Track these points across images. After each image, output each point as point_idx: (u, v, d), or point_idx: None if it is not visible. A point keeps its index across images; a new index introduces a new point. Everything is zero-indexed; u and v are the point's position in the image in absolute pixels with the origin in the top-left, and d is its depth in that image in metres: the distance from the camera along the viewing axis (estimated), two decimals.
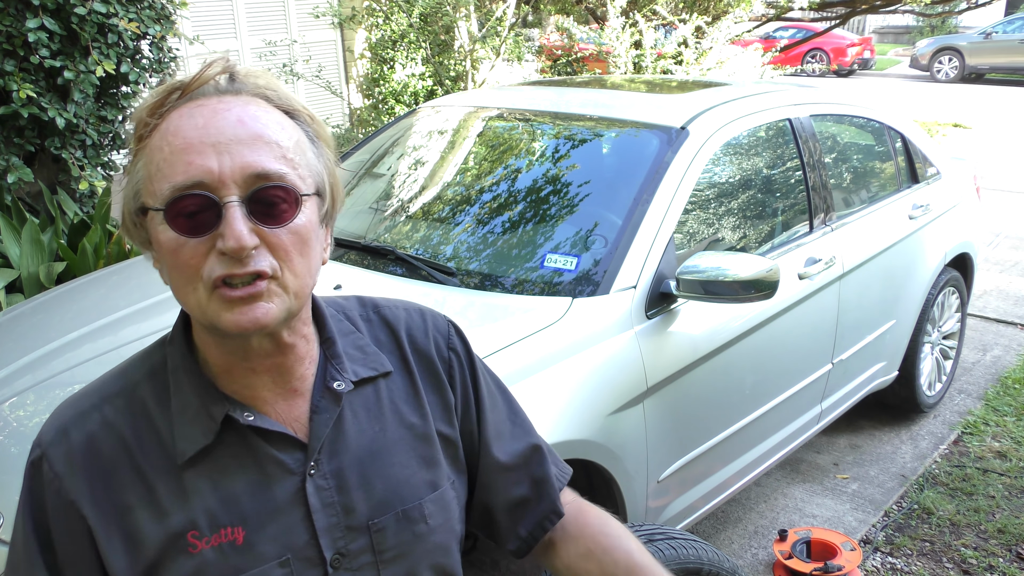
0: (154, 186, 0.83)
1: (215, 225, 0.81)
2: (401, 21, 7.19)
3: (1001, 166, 9.08)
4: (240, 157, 0.82)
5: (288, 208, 0.84)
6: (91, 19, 4.02)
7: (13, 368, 2.17)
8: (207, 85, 0.85)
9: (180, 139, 0.82)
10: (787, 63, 13.11)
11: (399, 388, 1.01)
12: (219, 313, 0.83)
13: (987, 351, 4.55)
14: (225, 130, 0.82)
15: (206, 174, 0.81)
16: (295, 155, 0.86)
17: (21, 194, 4.58)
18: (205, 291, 0.83)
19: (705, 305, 2.38)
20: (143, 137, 0.85)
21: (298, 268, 0.86)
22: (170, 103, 0.85)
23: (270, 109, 0.87)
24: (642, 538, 1.78)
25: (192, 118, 0.83)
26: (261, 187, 0.82)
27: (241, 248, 0.80)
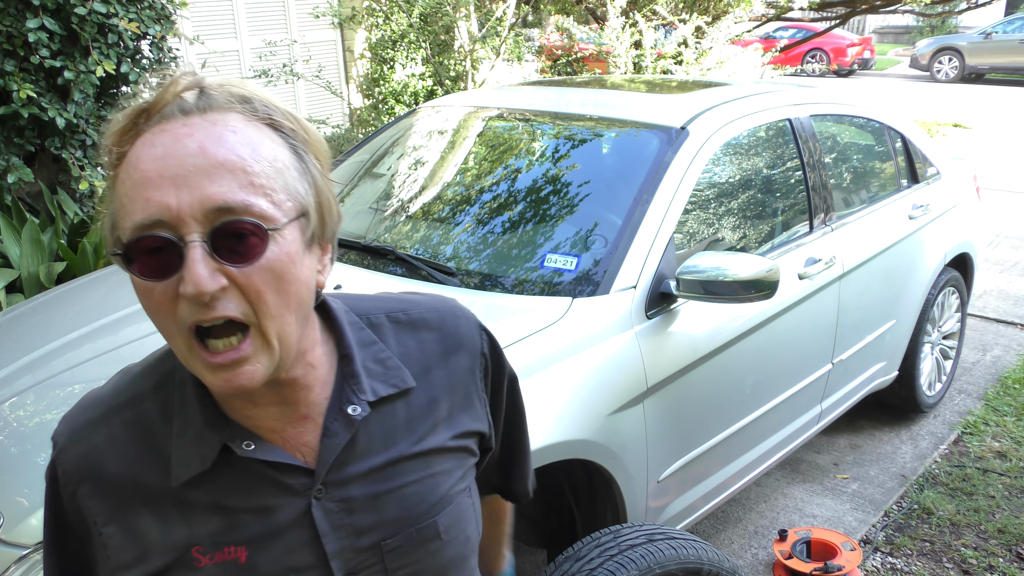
0: (120, 220, 0.78)
1: (179, 266, 0.76)
2: (401, 21, 7.19)
3: (1001, 166, 9.08)
4: (199, 190, 0.75)
5: (258, 243, 0.77)
6: (91, 19, 4.02)
7: (13, 368, 2.17)
8: (170, 106, 0.78)
9: (139, 173, 0.76)
10: (787, 63, 13.11)
11: (418, 402, 0.96)
12: (203, 373, 0.80)
13: (987, 351, 4.55)
14: (184, 160, 0.75)
15: (163, 211, 0.74)
16: (268, 179, 0.78)
17: (21, 194, 4.58)
18: (183, 340, 0.78)
19: (705, 305, 2.38)
20: (114, 165, 0.79)
21: (274, 309, 0.79)
22: (139, 128, 0.78)
23: (242, 126, 0.78)
24: (642, 538, 1.78)
25: (152, 147, 0.76)
26: (225, 222, 0.75)
27: (200, 293, 0.74)
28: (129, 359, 0.97)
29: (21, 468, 1.81)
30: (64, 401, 2.01)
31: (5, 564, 1.62)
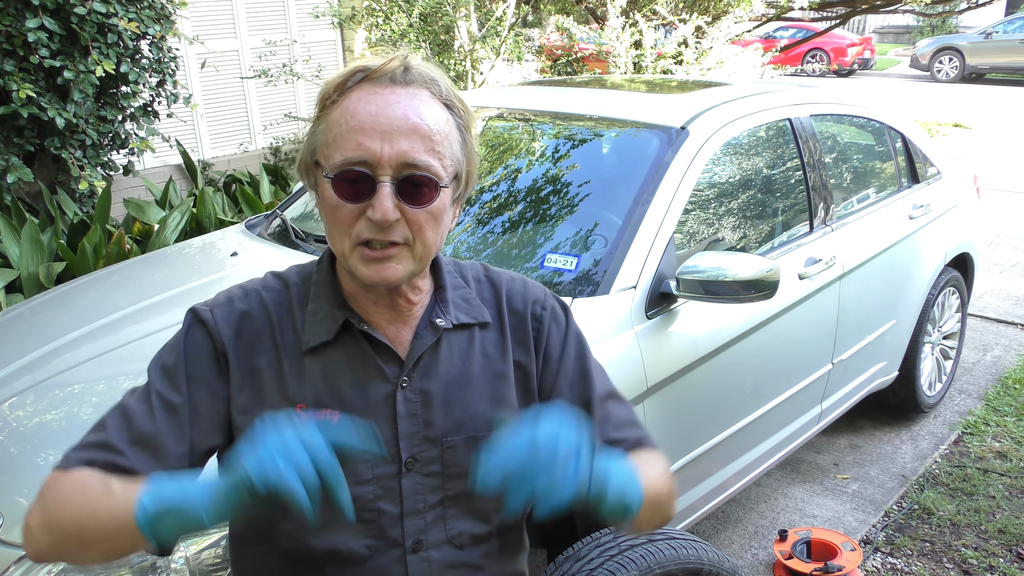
0: (328, 151, 1.02)
1: (369, 196, 1.01)
2: (401, 21, 7.18)
3: (1001, 166, 9.08)
4: (398, 145, 1.00)
5: (428, 193, 1.02)
6: (91, 19, 4.02)
7: (13, 368, 2.17)
8: (385, 75, 1.02)
9: (356, 121, 1.01)
10: (787, 63, 13.11)
11: (491, 338, 1.18)
12: (357, 265, 1.04)
13: (987, 351, 4.55)
14: (392, 120, 1.00)
15: (370, 154, 0.99)
16: (443, 147, 1.03)
17: (21, 194, 4.58)
18: (350, 245, 1.03)
19: (705, 305, 2.38)
20: (326, 107, 1.04)
21: (428, 239, 1.05)
22: (352, 82, 1.03)
23: (431, 102, 1.03)
24: (642, 538, 1.77)
25: (368, 104, 1.01)
26: (410, 174, 1.01)
27: (385, 220, 1.00)
28: (129, 359, 0.98)
29: (21, 468, 1.81)
30: (64, 401, 2.01)
31: (5, 564, 1.61)
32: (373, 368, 1.10)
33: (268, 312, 1.12)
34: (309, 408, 1.07)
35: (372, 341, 1.10)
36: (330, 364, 1.09)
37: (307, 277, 1.15)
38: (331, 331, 1.09)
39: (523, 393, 1.19)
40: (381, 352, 1.11)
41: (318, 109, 1.06)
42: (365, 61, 1.05)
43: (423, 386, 1.11)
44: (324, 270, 1.14)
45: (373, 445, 0.93)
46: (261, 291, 1.14)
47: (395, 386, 1.10)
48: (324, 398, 1.08)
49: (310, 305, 1.12)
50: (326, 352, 1.09)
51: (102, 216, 4.32)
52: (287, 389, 1.08)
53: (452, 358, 1.14)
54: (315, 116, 1.07)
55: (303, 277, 1.16)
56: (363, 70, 1.03)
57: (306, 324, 1.11)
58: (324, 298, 1.11)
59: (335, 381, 1.09)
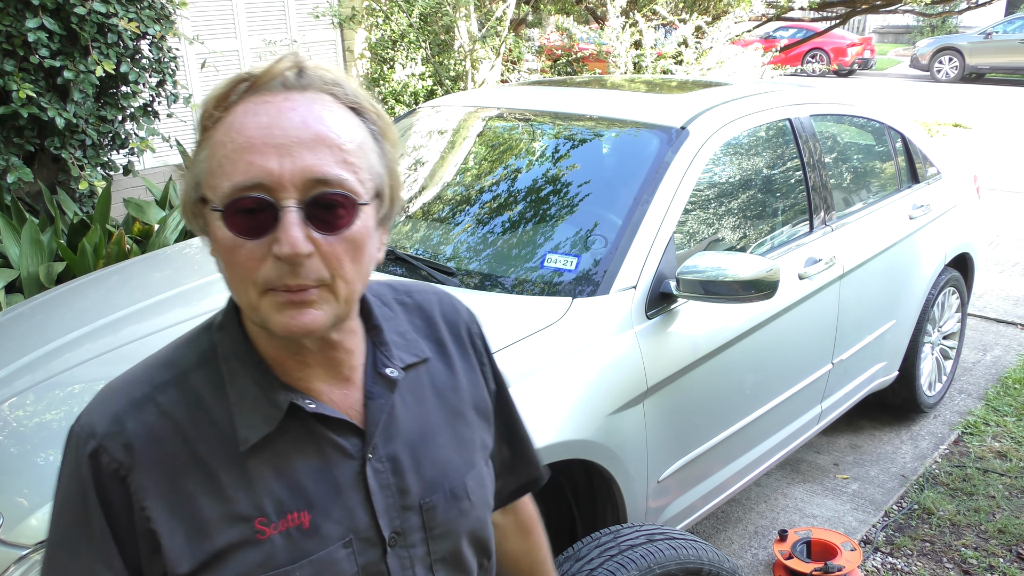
0: (215, 181, 0.83)
1: (271, 228, 0.82)
2: (401, 21, 7.18)
3: (1001, 166, 9.08)
4: (301, 160, 0.81)
5: (345, 215, 0.84)
6: (91, 19, 4.02)
7: (13, 368, 2.17)
8: (275, 80, 0.85)
9: (243, 137, 0.82)
10: (787, 63, 13.11)
11: (437, 371, 1.05)
12: (270, 315, 0.84)
13: (987, 351, 4.55)
14: (289, 131, 0.82)
15: (266, 175, 0.81)
16: (357, 158, 0.85)
17: (21, 194, 4.58)
18: (257, 292, 0.84)
19: (705, 305, 2.38)
20: (208, 128, 0.86)
21: (349, 275, 0.86)
22: (236, 94, 0.85)
23: (336, 107, 0.86)
24: (642, 538, 1.78)
25: (257, 116, 0.83)
26: (320, 193, 0.82)
27: (295, 255, 0.81)
28: (129, 359, 0.97)
29: (21, 468, 1.81)
30: (64, 401, 2.01)
31: (5, 564, 1.61)
32: (330, 448, 0.92)
33: (175, 421, 0.89)
34: (270, 519, 0.88)
35: (322, 418, 0.92)
36: (279, 458, 0.90)
37: (208, 356, 0.92)
38: (272, 419, 0.89)
39: (483, 426, 1.09)
40: (334, 426, 0.92)
41: (199, 133, 0.87)
42: (250, 69, 0.87)
43: (388, 452, 0.96)
44: (232, 338, 0.92)
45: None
46: (154, 395, 0.90)
47: (360, 461, 0.93)
48: (286, 501, 0.89)
49: (230, 390, 0.90)
50: (269, 445, 0.89)
51: (102, 216, 4.32)
52: (235, 507, 0.87)
53: (407, 409, 0.99)
54: (197, 142, 0.88)
55: (203, 357, 0.93)
56: (247, 78, 0.85)
57: (234, 418, 0.89)
58: (245, 376, 0.90)
59: (293, 477, 0.90)
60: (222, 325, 0.94)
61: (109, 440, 0.87)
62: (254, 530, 0.87)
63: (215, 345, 0.93)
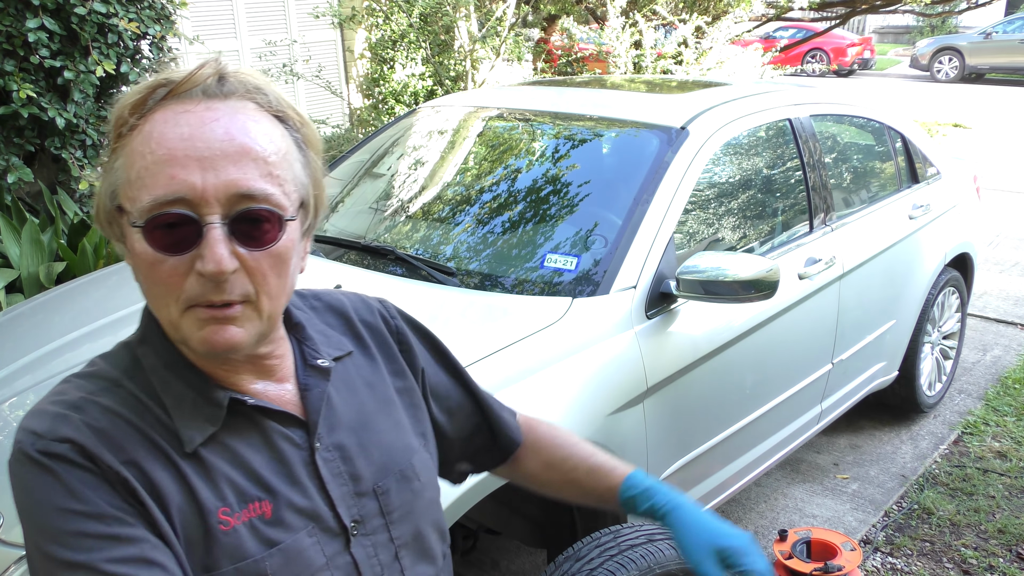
0: (133, 193, 0.80)
1: (195, 243, 0.79)
2: (401, 21, 7.19)
3: (1001, 166, 9.08)
4: (225, 174, 0.79)
5: (271, 230, 0.82)
6: (91, 19, 4.02)
7: (13, 368, 2.17)
8: (195, 87, 0.82)
9: (164, 149, 0.79)
10: (787, 63, 13.11)
11: (361, 365, 1.05)
12: (192, 332, 0.82)
13: (987, 351, 4.55)
14: (212, 143, 0.79)
15: (189, 190, 0.78)
16: (281, 170, 0.83)
17: (21, 194, 4.58)
18: (178, 309, 0.82)
19: (705, 305, 2.38)
20: (123, 135, 0.82)
21: (274, 291, 0.85)
22: (153, 100, 0.82)
23: (259, 116, 0.84)
24: (642, 538, 1.78)
25: (177, 126, 0.80)
26: (245, 208, 0.80)
27: (220, 272, 0.79)
28: None
29: None
30: None
31: (5, 564, 1.61)
32: (279, 438, 0.91)
33: (122, 416, 0.85)
34: (232, 509, 0.86)
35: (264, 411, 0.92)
36: (230, 452, 0.88)
37: (132, 371, 0.89)
38: (216, 418, 0.87)
39: (412, 411, 1.09)
40: (277, 419, 0.92)
41: (113, 139, 0.83)
42: (168, 73, 0.84)
43: (334, 440, 0.96)
44: (159, 350, 0.89)
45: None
46: (90, 398, 0.85)
47: (309, 451, 0.93)
48: (246, 491, 0.87)
49: (165, 399, 0.87)
50: (217, 442, 0.87)
51: None
52: (199, 496, 0.84)
53: (343, 400, 1.00)
54: (110, 148, 0.84)
55: (127, 371, 0.89)
56: (166, 83, 0.82)
57: (176, 420, 0.86)
58: (178, 383, 0.88)
59: (248, 468, 0.88)
60: (143, 339, 0.91)
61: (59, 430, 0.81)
62: (218, 520, 0.85)
63: (138, 360, 0.89)
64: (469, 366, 1.95)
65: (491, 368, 1.96)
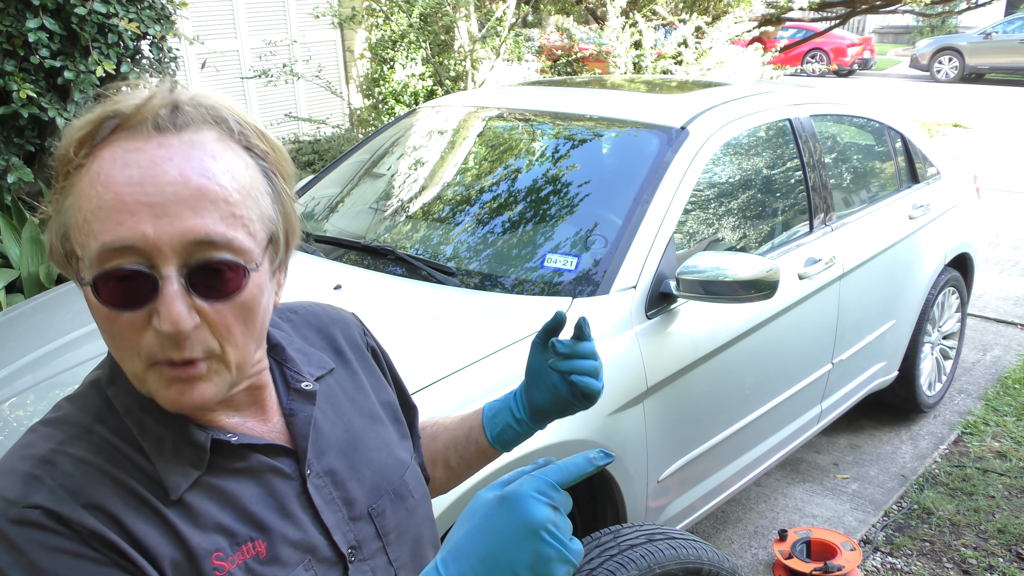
0: (82, 238, 0.74)
1: (150, 298, 0.73)
2: (401, 21, 7.19)
3: (1001, 166, 9.08)
4: (180, 221, 0.72)
5: (234, 278, 0.75)
6: (91, 19, 4.02)
7: (13, 368, 2.17)
8: (145, 122, 0.74)
9: (111, 193, 0.72)
10: (787, 63, 13.11)
11: (344, 380, 1.01)
12: (158, 389, 0.77)
13: (987, 351, 4.55)
14: (164, 188, 0.72)
15: (139, 239, 0.71)
16: (246, 209, 0.76)
17: (21, 194, 4.58)
18: (142, 365, 0.76)
19: (705, 305, 2.38)
20: (69, 173, 0.75)
21: (240, 341, 0.78)
22: (101, 135, 0.75)
23: (218, 150, 0.76)
24: (642, 538, 1.78)
25: (126, 168, 0.72)
26: (204, 259, 0.74)
27: (179, 332, 0.73)
28: None
29: None
30: None
31: None
32: (267, 472, 0.86)
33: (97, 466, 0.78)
34: (226, 554, 0.81)
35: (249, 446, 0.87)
36: (217, 493, 0.82)
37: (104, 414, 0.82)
38: (200, 460, 0.81)
39: (397, 426, 1.05)
40: (264, 452, 0.87)
41: (61, 176, 0.76)
42: (117, 103, 0.75)
43: (324, 465, 0.91)
44: (130, 390, 0.82)
45: (593, 463, 0.78)
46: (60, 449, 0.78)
47: (300, 480, 0.89)
48: (238, 533, 0.82)
49: (143, 442, 0.81)
50: (202, 484, 0.82)
51: None
52: (190, 544, 0.79)
53: (329, 421, 0.95)
54: (58, 187, 0.77)
55: (98, 414, 0.82)
56: (114, 115, 0.74)
57: (158, 466, 0.80)
58: (155, 425, 0.81)
59: (238, 507, 0.83)
60: (112, 379, 0.84)
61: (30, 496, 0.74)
62: (213, 567, 0.79)
63: (110, 400, 0.83)
64: (469, 366, 1.96)
65: (491, 368, 1.96)
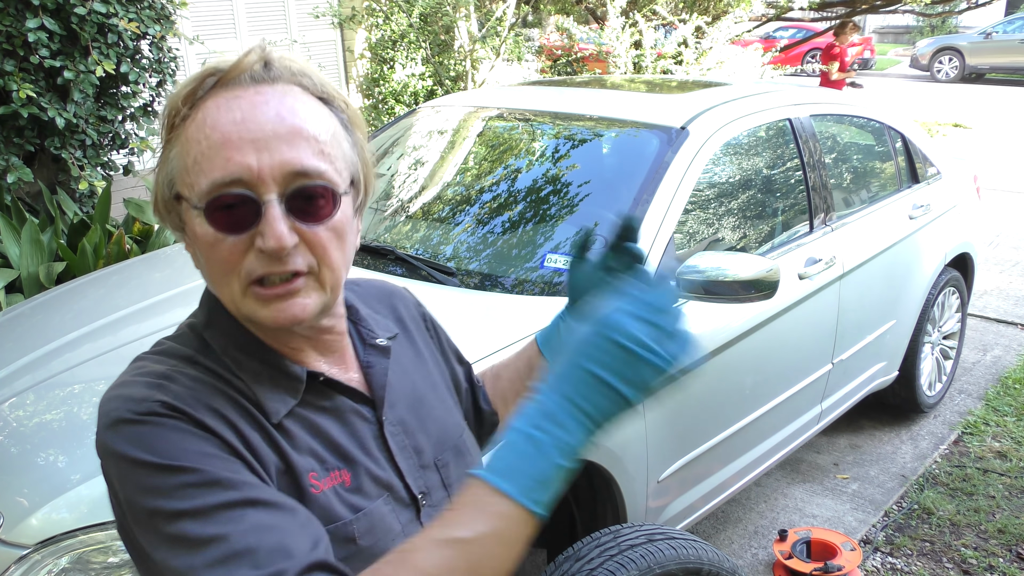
0: (191, 179, 0.83)
1: (254, 223, 0.82)
2: (401, 21, 7.19)
3: (1001, 166, 9.08)
4: (279, 154, 0.82)
5: (326, 205, 0.85)
6: (91, 19, 4.02)
7: (13, 368, 2.17)
8: (243, 74, 0.84)
9: (218, 133, 0.82)
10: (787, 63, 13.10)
11: (405, 347, 1.09)
12: (255, 309, 0.85)
13: (987, 351, 4.55)
14: (264, 125, 0.82)
15: (245, 171, 0.81)
16: (332, 148, 0.86)
17: (21, 194, 4.57)
18: (240, 287, 0.84)
19: (705, 305, 2.38)
20: (176, 126, 0.85)
21: (334, 262, 0.87)
22: (204, 90, 0.84)
23: (306, 98, 0.86)
24: (642, 538, 1.78)
25: (230, 111, 0.82)
26: (300, 185, 0.83)
27: (281, 248, 0.81)
28: (129, 359, 0.96)
29: (21, 468, 1.81)
30: (64, 401, 2.01)
31: (5, 564, 1.61)
32: (349, 413, 0.95)
33: (210, 384, 0.87)
34: (320, 475, 0.89)
35: (335, 386, 0.95)
36: (308, 424, 0.91)
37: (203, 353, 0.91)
38: (295, 391, 0.91)
39: (452, 395, 1.13)
40: (346, 394, 0.96)
41: (167, 131, 0.86)
42: (216, 62, 0.86)
43: (396, 415, 1.00)
44: (227, 331, 0.91)
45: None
46: (173, 371, 0.87)
47: (377, 424, 0.97)
48: (327, 459, 0.91)
49: (243, 375, 0.89)
50: (294, 414, 0.90)
51: (102, 216, 4.32)
52: (291, 459, 0.87)
53: (399, 376, 1.03)
54: (164, 140, 0.87)
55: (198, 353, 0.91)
56: (214, 72, 0.85)
57: (258, 393, 0.89)
58: (252, 361, 0.90)
59: (327, 438, 0.92)
60: (208, 323, 0.92)
61: (154, 395, 0.83)
62: (309, 483, 0.88)
63: (207, 343, 0.91)
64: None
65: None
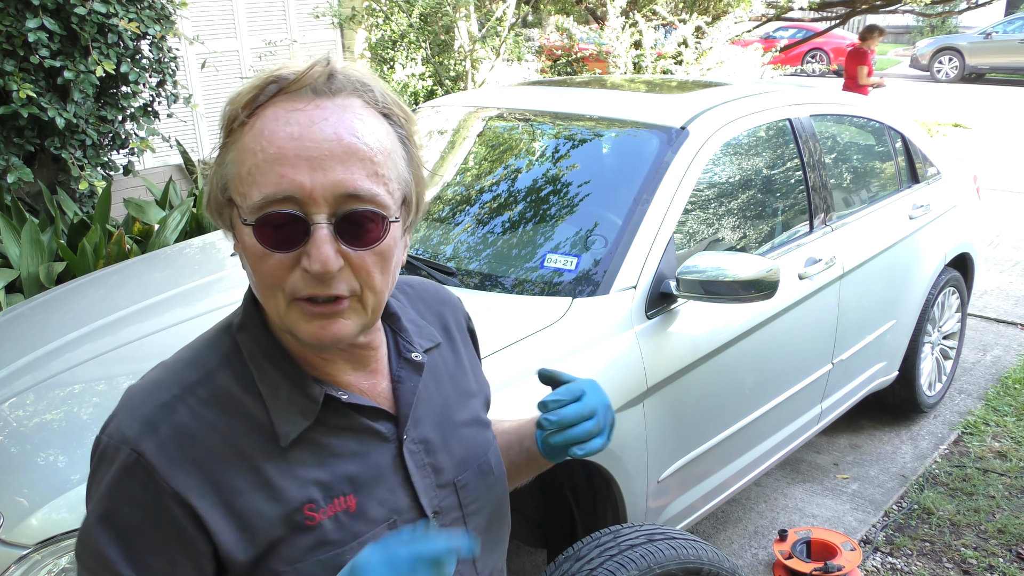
0: (244, 188, 0.83)
1: (302, 241, 0.82)
2: (401, 21, 7.19)
3: (1001, 166, 9.08)
4: (333, 174, 0.81)
5: (375, 229, 0.84)
6: (91, 19, 4.02)
7: (13, 368, 2.17)
8: (305, 86, 0.84)
9: (274, 147, 0.81)
10: (787, 63, 13.11)
11: (447, 357, 1.08)
12: (297, 324, 0.86)
13: (987, 351, 4.55)
14: (321, 144, 0.81)
15: (297, 189, 0.81)
16: (386, 168, 0.85)
17: (21, 194, 4.58)
18: (285, 301, 0.85)
19: (705, 305, 2.38)
20: (234, 130, 0.85)
21: (378, 286, 0.87)
22: (265, 96, 0.84)
23: (365, 114, 0.85)
24: (642, 538, 1.78)
25: (288, 125, 0.82)
26: (350, 210, 0.82)
27: (327, 272, 0.82)
28: (129, 359, 0.97)
29: (21, 468, 1.81)
30: (64, 401, 2.01)
31: (5, 564, 1.61)
32: (366, 434, 0.94)
33: (209, 421, 0.88)
34: (319, 505, 0.90)
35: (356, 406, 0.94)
36: (319, 447, 0.91)
37: (231, 356, 0.92)
38: (310, 412, 0.90)
39: (484, 412, 1.12)
40: (367, 414, 0.95)
41: (224, 133, 0.86)
42: (279, 68, 0.85)
43: (420, 433, 0.99)
44: (257, 337, 0.92)
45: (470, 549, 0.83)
46: (183, 396, 0.89)
47: (397, 443, 0.97)
48: (332, 487, 0.91)
49: (261, 387, 0.91)
50: (308, 436, 0.91)
51: (102, 216, 4.32)
52: (284, 497, 0.88)
53: (430, 392, 1.02)
54: (221, 142, 0.87)
55: (226, 357, 0.92)
56: (277, 80, 0.84)
57: (271, 413, 0.90)
58: (275, 373, 0.91)
59: (335, 463, 0.92)
60: (243, 325, 0.93)
61: (143, 444, 0.85)
62: (304, 516, 0.89)
63: (237, 345, 0.92)
64: None
65: (491, 368, 1.96)
